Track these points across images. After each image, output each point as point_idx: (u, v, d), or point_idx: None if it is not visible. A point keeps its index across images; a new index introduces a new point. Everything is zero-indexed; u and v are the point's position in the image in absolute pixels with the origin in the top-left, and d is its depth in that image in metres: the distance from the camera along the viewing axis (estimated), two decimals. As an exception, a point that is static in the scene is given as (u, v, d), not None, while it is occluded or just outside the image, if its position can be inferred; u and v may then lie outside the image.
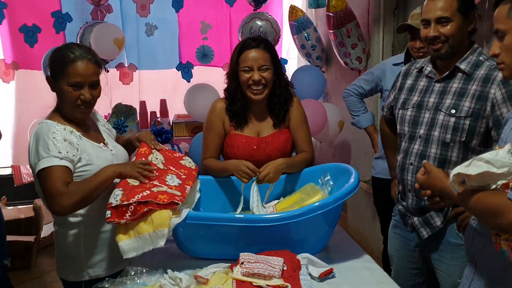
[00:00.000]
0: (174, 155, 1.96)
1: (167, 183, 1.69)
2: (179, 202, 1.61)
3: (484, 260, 1.39)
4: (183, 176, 1.80)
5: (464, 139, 1.73)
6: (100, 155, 1.73)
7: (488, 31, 2.53)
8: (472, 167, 1.25)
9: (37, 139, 1.62)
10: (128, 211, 1.56)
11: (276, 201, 2.00)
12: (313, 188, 1.92)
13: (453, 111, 1.73)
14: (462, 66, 1.75)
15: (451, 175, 1.28)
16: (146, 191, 1.60)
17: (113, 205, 1.55)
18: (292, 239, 1.73)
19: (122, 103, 3.71)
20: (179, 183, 1.72)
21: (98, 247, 1.75)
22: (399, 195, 1.98)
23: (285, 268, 1.57)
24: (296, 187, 2.08)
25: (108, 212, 1.56)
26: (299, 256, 1.68)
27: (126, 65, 4.30)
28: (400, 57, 2.74)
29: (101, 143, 1.78)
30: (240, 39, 4.41)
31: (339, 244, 1.91)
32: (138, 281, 1.55)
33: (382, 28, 3.61)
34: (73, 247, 1.73)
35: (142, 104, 4.13)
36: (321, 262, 1.65)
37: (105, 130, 1.90)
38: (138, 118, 3.96)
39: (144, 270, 1.58)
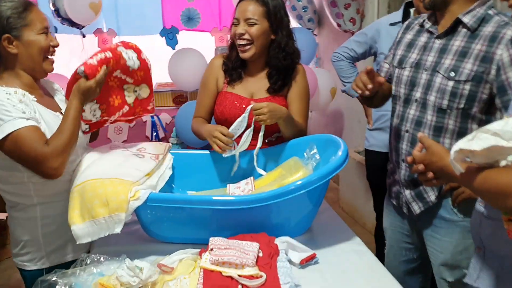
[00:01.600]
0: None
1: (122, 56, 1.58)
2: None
3: (493, 246, 1.21)
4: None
5: (463, 106, 1.52)
6: (55, 123, 1.51)
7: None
8: (477, 140, 1.03)
9: None
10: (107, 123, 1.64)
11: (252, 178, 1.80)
12: (296, 163, 1.72)
13: (452, 73, 1.51)
14: (466, 19, 1.51)
15: (452, 151, 1.07)
16: (125, 106, 1.66)
17: (92, 121, 1.57)
18: (271, 222, 1.54)
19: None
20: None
21: (58, 230, 1.57)
22: (391, 166, 1.80)
23: (260, 255, 1.39)
24: (280, 160, 1.88)
25: (86, 126, 1.58)
26: (277, 240, 1.49)
27: (105, 31, 4.02)
28: (397, 15, 2.48)
29: (58, 112, 1.57)
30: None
31: (325, 224, 1.72)
32: (94, 270, 1.37)
33: (377, -14, 3.35)
34: (30, 232, 1.55)
35: (122, 72, 3.87)
36: (302, 247, 1.46)
37: (59, 97, 1.67)
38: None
39: (102, 258, 1.40)
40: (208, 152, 1.95)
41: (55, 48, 1.54)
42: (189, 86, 3.47)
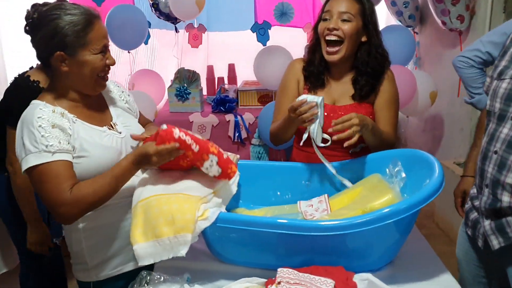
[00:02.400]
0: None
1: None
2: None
3: None
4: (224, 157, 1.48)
5: None
6: (98, 141, 1.40)
7: None
8: None
9: (21, 126, 1.33)
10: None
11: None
12: (380, 182, 1.52)
13: None
14: None
15: None
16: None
17: None
18: (349, 252, 1.35)
19: (185, 68, 3.44)
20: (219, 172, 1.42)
21: (102, 243, 1.49)
22: (475, 190, 1.57)
23: (335, 293, 1.21)
24: (358, 176, 1.68)
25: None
26: (356, 277, 1.29)
27: (196, 26, 4.02)
28: None
29: (105, 126, 1.46)
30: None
31: (413, 255, 1.48)
32: (153, 291, 1.28)
33: (493, -22, 2.96)
34: (75, 244, 1.49)
35: (210, 69, 3.84)
36: (385, 286, 1.26)
37: (118, 105, 1.56)
38: (204, 84, 3.70)
39: (162, 278, 1.31)
40: (277, 163, 1.82)
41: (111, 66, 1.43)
42: (275, 85, 3.34)
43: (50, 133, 1.30)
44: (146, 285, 1.30)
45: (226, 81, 3.85)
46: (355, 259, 1.35)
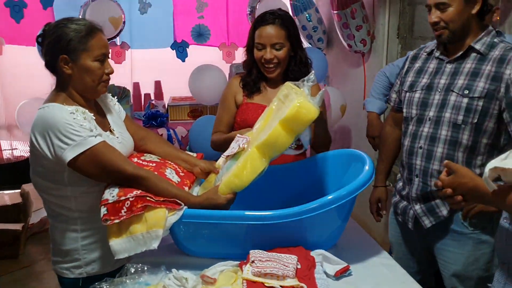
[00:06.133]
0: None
1: (167, 176, 1.56)
2: (182, 203, 1.49)
3: None
4: (181, 173, 1.66)
5: (476, 120, 1.67)
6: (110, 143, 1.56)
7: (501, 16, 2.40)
8: (510, 159, 1.13)
9: (49, 127, 1.44)
10: (124, 207, 1.43)
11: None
12: (290, 89, 1.61)
13: (466, 91, 1.68)
14: (477, 46, 1.70)
15: (486, 170, 1.16)
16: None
17: (109, 201, 1.44)
18: (303, 236, 1.60)
19: (115, 85, 3.51)
20: (178, 181, 1.59)
21: (96, 243, 1.61)
22: (401, 184, 1.93)
23: (299, 267, 1.45)
24: (315, 174, 1.93)
25: (104, 209, 1.44)
26: (313, 253, 1.55)
27: (118, 44, 4.10)
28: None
29: (108, 131, 1.61)
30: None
31: (353, 238, 1.78)
32: (139, 279, 1.42)
33: (388, 9, 3.45)
34: (70, 243, 1.59)
35: (136, 85, 3.95)
36: (336, 259, 1.53)
37: (113, 112, 1.71)
38: (132, 101, 3.79)
39: (145, 268, 1.46)
40: None
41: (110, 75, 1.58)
42: (208, 100, 3.55)
43: (86, 123, 1.46)
44: (131, 275, 1.44)
45: (152, 97, 3.97)
46: (308, 242, 1.59)
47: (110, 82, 1.62)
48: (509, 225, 1.32)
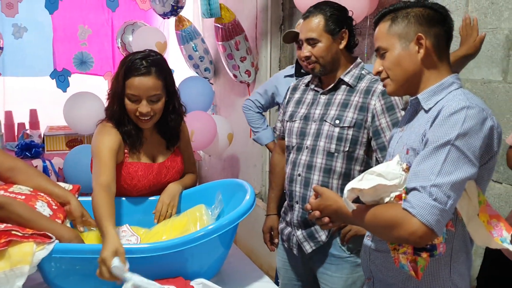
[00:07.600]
0: None
1: (37, 210, 1.44)
2: (53, 236, 1.38)
3: (381, 275, 1.38)
4: (54, 207, 1.55)
5: (347, 148, 1.78)
6: None
7: (369, 48, 2.65)
8: (365, 181, 1.23)
9: None
10: None
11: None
12: (204, 215, 1.74)
13: (337, 121, 1.78)
14: (346, 78, 1.82)
15: (345, 191, 1.25)
16: None
17: None
18: (185, 267, 1.55)
19: (-18, 114, 3.22)
20: (50, 214, 1.48)
21: None
22: (284, 210, 2.00)
23: (177, 298, 1.41)
24: (187, 204, 1.90)
25: None
26: (193, 282, 1.52)
27: (-12, 71, 3.79)
28: (291, 69, 2.74)
29: None
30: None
31: (235, 265, 1.79)
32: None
33: (270, 42, 3.64)
34: None
35: (8, 114, 3.65)
36: (217, 287, 1.52)
37: None
38: (3, 130, 3.48)
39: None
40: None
41: None
42: (84, 130, 3.38)
43: None
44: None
45: (27, 126, 3.69)
46: (189, 272, 1.55)
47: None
48: (371, 242, 1.42)
